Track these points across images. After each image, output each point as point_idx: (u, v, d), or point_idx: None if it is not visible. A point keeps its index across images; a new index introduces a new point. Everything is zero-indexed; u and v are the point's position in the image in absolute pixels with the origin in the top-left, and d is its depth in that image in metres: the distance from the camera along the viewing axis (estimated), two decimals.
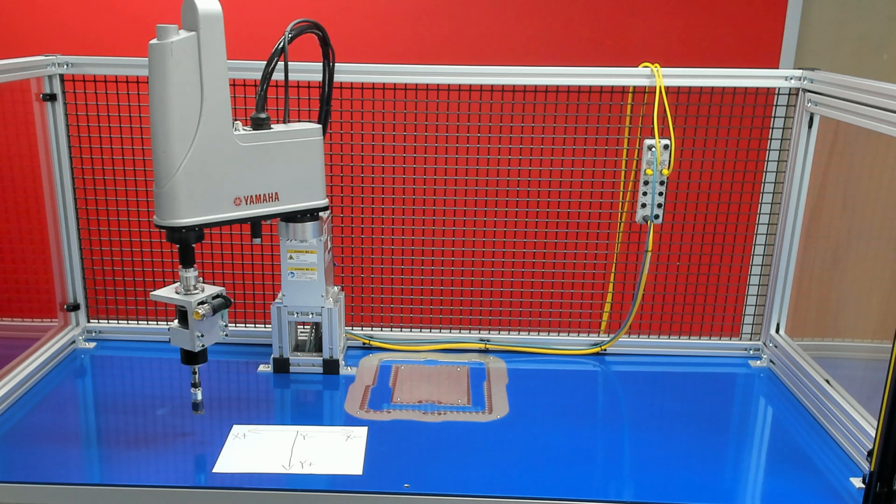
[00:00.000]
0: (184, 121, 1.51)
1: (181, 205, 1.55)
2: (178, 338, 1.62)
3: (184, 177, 1.53)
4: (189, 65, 1.49)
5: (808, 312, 2.07)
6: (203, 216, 1.57)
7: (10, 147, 2.13)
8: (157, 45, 1.48)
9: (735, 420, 1.86)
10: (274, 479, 1.54)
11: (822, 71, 1.89)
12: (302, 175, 1.70)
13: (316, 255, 1.90)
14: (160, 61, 1.48)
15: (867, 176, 1.94)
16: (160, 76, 1.49)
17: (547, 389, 1.96)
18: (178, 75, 1.49)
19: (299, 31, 1.68)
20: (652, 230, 1.98)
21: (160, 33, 1.48)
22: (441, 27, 2.63)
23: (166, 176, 1.53)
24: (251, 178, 1.63)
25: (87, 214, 2.07)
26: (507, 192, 2.06)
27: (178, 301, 1.60)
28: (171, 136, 1.51)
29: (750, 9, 2.61)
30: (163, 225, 1.56)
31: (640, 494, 1.54)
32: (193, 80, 1.50)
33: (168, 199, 1.54)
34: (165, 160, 1.52)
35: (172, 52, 1.47)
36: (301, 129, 1.68)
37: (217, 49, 1.52)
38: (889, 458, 1.33)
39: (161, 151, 1.52)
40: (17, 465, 1.58)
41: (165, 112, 1.50)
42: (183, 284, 1.62)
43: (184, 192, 1.54)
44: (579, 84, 1.96)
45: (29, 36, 2.62)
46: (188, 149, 1.52)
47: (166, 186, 1.53)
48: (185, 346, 1.62)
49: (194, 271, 1.61)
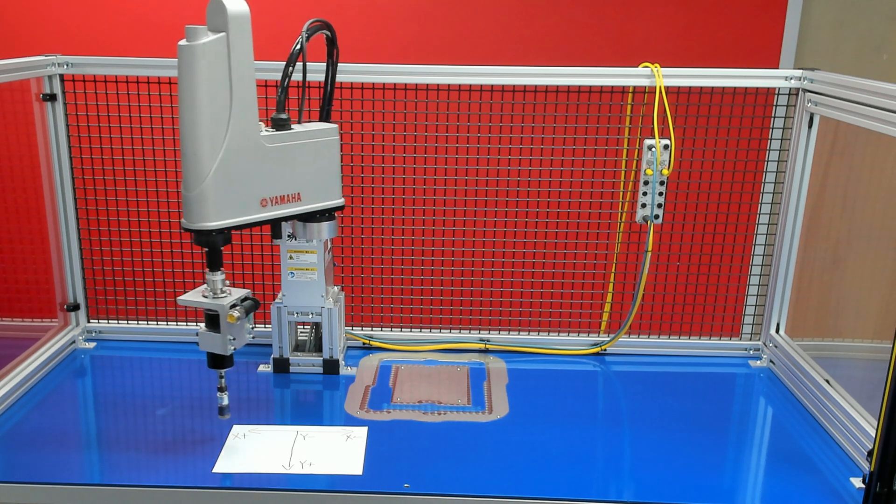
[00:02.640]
0: (214, 123, 1.48)
1: (211, 208, 1.51)
2: (208, 342, 1.60)
3: (214, 180, 1.50)
4: (219, 66, 1.47)
5: (808, 312, 2.07)
6: (232, 218, 1.54)
7: (10, 147, 2.13)
8: (187, 46, 1.45)
9: (735, 420, 1.86)
10: (274, 479, 1.54)
11: (822, 71, 1.89)
12: (321, 175, 1.69)
13: (316, 255, 1.90)
14: (190, 63, 1.45)
15: (867, 176, 1.94)
16: (190, 78, 1.46)
17: (547, 389, 1.96)
18: (208, 77, 1.46)
19: (314, 31, 1.69)
20: (652, 230, 1.98)
21: (189, 34, 1.45)
22: (441, 27, 2.63)
23: (196, 179, 1.49)
24: (276, 178, 1.61)
25: (87, 214, 2.07)
26: (507, 192, 2.06)
27: (208, 305, 1.57)
28: (202, 140, 1.48)
29: (750, 9, 2.61)
30: (192, 228, 1.53)
31: (640, 494, 1.54)
32: (223, 82, 1.48)
33: (198, 202, 1.51)
34: (195, 163, 1.49)
35: (204, 54, 1.45)
36: (320, 129, 1.67)
37: (245, 50, 1.50)
38: (889, 458, 1.33)
39: (191, 154, 1.49)
40: (17, 465, 1.58)
41: (195, 115, 1.47)
42: (210, 288, 1.59)
43: (214, 195, 1.51)
44: (579, 84, 1.96)
45: (29, 36, 2.62)
46: (219, 152, 1.49)
47: (196, 190, 1.50)
48: (217, 350, 1.60)
49: (221, 274, 1.59)
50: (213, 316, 1.58)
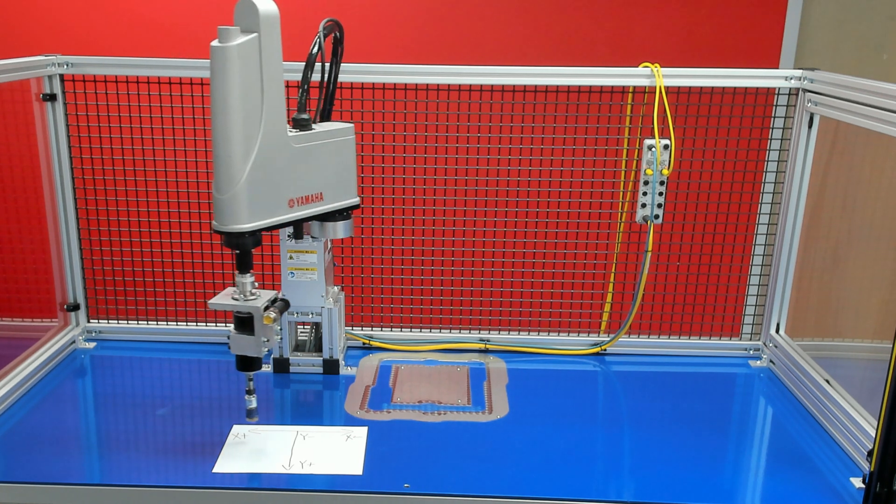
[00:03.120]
0: (247, 125, 1.47)
1: (244, 210, 1.50)
2: (241, 345, 1.59)
3: (247, 182, 1.49)
4: (252, 67, 1.46)
5: (808, 312, 2.07)
6: (263, 220, 1.54)
7: (10, 147, 2.13)
8: (221, 47, 1.44)
9: (735, 420, 1.86)
10: (274, 479, 1.54)
11: (822, 71, 1.89)
12: (340, 174, 1.69)
13: (316, 255, 1.90)
14: (223, 65, 1.44)
15: (867, 176, 1.94)
16: (223, 80, 1.44)
17: (547, 389, 1.96)
18: (241, 78, 1.45)
19: (329, 31, 1.69)
20: (652, 230, 1.98)
21: (221, 35, 1.44)
22: (441, 27, 2.63)
23: (229, 182, 1.48)
24: (302, 179, 1.61)
25: (87, 214, 2.07)
26: (507, 192, 2.06)
27: (242, 308, 1.57)
28: (235, 142, 1.47)
29: (750, 9, 2.61)
30: (224, 231, 1.52)
31: (640, 494, 1.54)
32: (255, 83, 1.47)
33: (231, 204, 1.49)
34: (228, 166, 1.48)
35: (238, 55, 1.44)
36: (339, 129, 1.68)
37: (275, 50, 1.49)
38: (889, 458, 1.33)
39: (224, 157, 1.47)
40: (17, 465, 1.58)
41: (229, 117, 1.46)
42: (240, 290, 1.58)
43: (247, 197, 1.50)
44: (579, 84, 1.96)
45: (29, 36, 2.62)
46: (252, 154, 1.48)
47: (230, 193, 1.49)
48: (250, 352, 1.59)
49: (251, 276, 1.58)
50: (245, 318, 1.57)
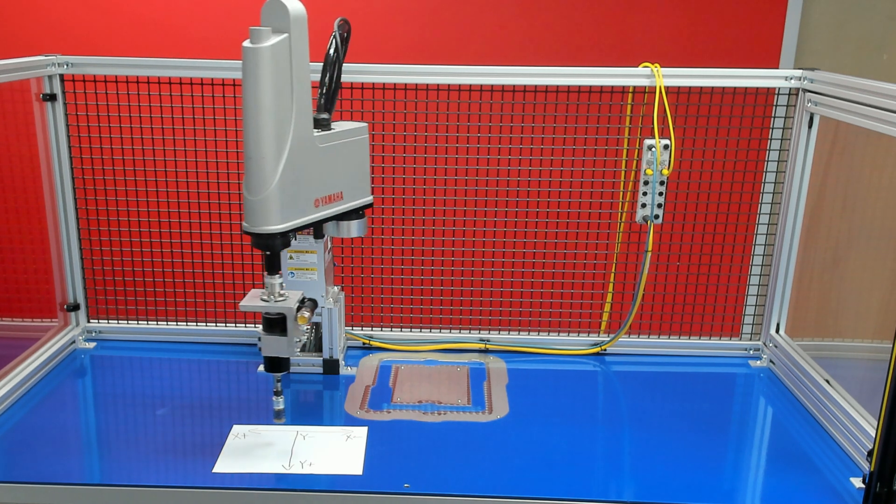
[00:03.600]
0: (279, 126, 1.47)
1: (277, 211, 1.50)
2: (273, 346, 1.58)
3: (280, 183, 1.49)
4: (283, 68, 1.45)
5: (808, 312, 2.07)
6: (293, 220, 1.54)
7: (10, 147, 2.13)
8: (254, 48, 1.43)
9: (735, 420, 1.86)
10: (274, 479, 1.54)
11: (822, 71, 1.89)
12: (357, 173, 1.70)
13: (316, 255, 1.90)
14: (256, 66, 1.43)
15: (867, 176, 1.94)
16: (256, 81, 1.44)
17: (547, 389, 1.96)
18: (274, 80, 1.45)
19: (343, 30, 1.70)
20: (652, 230, 1.98)
21: (254, 36, 1.43)
22: (441, 27, 2.63)
23: (262, 184, 1.48)
24: (325, 178, 1.61)
25: (87, 214, 2.07)
26: (507, 192, 2.06)
27: (275, 309, 1.56)
28: (267, 143, 1.47)
29: (750, 9, 2.61)
30: (254, 232, 1.51)
31: (640, 494, 1.54)
32: (286, 84, 1.47)
33: (263, 206, 1.49)
34: (260, 167, 1.47)
35: (271, 56, 1.43)
36: (355, 128, 1.68)
37: (304, 50, 1.49)
38: (889, 458, 1.33)
39: (257, 158, 1.47)
40: (17, 465, 1.58)
41: (261, 118, 1.45)
42: (269, 291, 1.58)
43: (279, 198, 1.49)
44: (579, 84, 1.96)
45: (29, 36, 2.62)
46: (283, 154, 1.48)
47: (263, 194, 1.48)
48: (283, 353, 1.58)
49: (280, 278, 1.58)
50: (276, 319, 1.57)
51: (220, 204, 2.05)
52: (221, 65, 1.94)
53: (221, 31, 2.59)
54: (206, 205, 2.05)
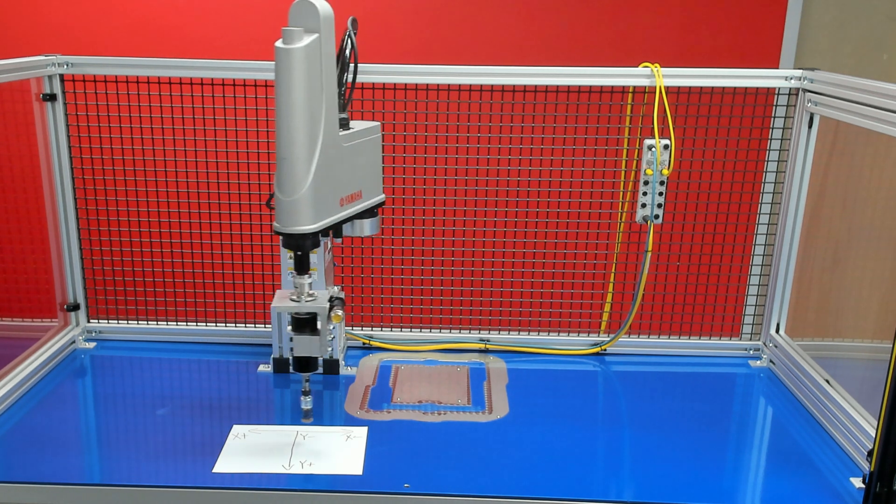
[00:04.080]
0: (311, 126, 1.47)
1: (310, 211, 1.50)
2: (305, 346, 1.58)
3: (312, 183, 1.49)
4: (314, 68, 1.45)
5: (808, 312, 2.07)
6: (323, 220, 1.53)
7: (10, 147, 2.13)
8: (288, 49, 1.43)
9: (735, 420, 1.86)
10: (274, 479, 1.54)
11: (822, 71, 1.89)
12: (373, 171, 1.71)
13: (316, 255, 1.90)
14: (290, 67, 1.43)
15: (867, 176, 1.94)
16: (289, 82, 1.43)
17: (547, 389, 1.96)
18: (306, 80, 1.44)
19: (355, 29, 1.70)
20: (652, 230, 1.98)
21: (286, 37, 1.43)
22: (441, 27, 2.63)
23: (296, 184, 1.48)
24: (349, 177, 1.61)
25: (87, 214, 2.07)
26: (507, 192, 2.06)
27: (308, 309, 1.57)
28: (301, 143, 1.47)
29: (750, 9, 2.61)
30: (286, 232, 1.51)
31: (640, 494, 1.54)
32: (318, 84, 1.47)
33: (297, 206, 1.49)
34: (293, 168, 1.47)
35: (305, 57, 1.43)
36: (371, 127, 1.69)
37: (331, 50, 1.49)
38: (889, 458, 1.33)
39: (292, 159, 1.47)
40: (17, 465, 1.58)
41: (295, 119, 1.45)
42: (298, 291, 1.58)
43: (312, 198, 1.49)
44: (579, 84, 1.96)
45: (29, 36, 2.62)
46: (315, 154, 1.48)
47: (297, 195, 1.48)
48: (315, 353, 1.59)
49: (309, 278, 1.59)
50: (307, 319, 1.57)
51: (220, 204, 2.05)
52: (221, 65, 1.94)
53: (221, 31, 2.59)
54: (206, 205, 2.05)
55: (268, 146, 2.02)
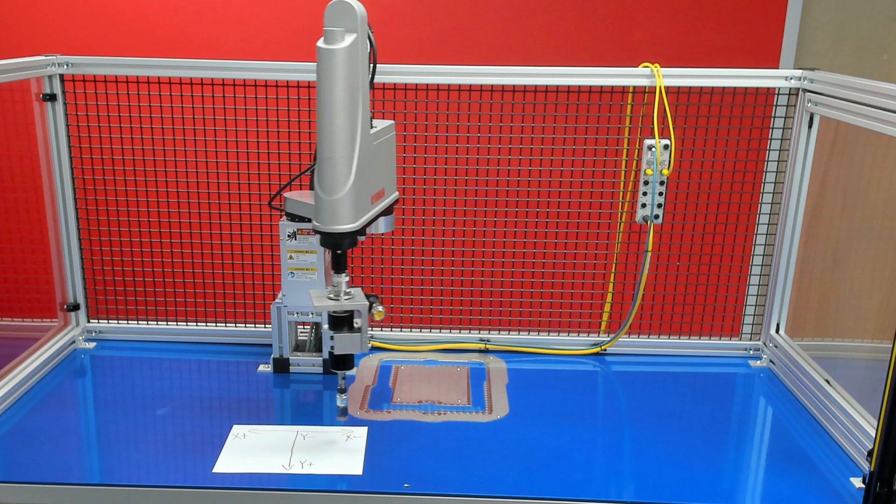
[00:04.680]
0: (352, 126, 1.48)
1: (351, 210, 1.51)
2: (347, 344, 1.58)
3: (354, 182, 1.50)
4: (354, 68, 1.46)
5: (808, 312, 2.07)
6: (361, 219, 1.54)
7: (10, 147, 2.13)
8: (332, 50, 1.43)
9: (735, 420, 1.86)
10: (274, 479, 1.54)
11: (822, 71, 1.89)
12: (390, 170, 1.72)
13: (316, 255, 1.90)
14: (333, 67, 1.44)
15: (867, 176, 1.94)
16: (332, 82, 1.44)
17: (547, 389, 1.96)
18: (348, 80, 1.45)
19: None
20: (652, 230, 1.98)
21: (328, 37, 1.44)
22: (441, 27, 2.63)
23: (338, 183, 1.48)
24: (377, 175, 1.63)
25: (87, 214, 2.07)
26: (506, 192, 2.06)
27: (350, 307, 1.57)
28: (343, 142, 1.47)
29: (750, 9, 2.61)
30: (326, 231, 1.52)
31: (640, 494, 1.54)
32: (357, 83, 1.47)
33: (339, 205, 1.49)
34: (337, 167, 1.48)
35: (348, 57, 1.44)
36: (388, 126, 1.69)
37: (365, 50, 1.50)
38: (889, 458, 1.33)
39: (336, 158, 1.47)
40: (17, 465, 1.58)
41: (337, 119, 1.46)
42: (336, 289, 1.59)
43: (354, 197, 1.50)
44: (579, 84, 1.96)
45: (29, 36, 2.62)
46: (355, 153, 1.49)
47: (339, 194, 1.49)
48: (356, 349, 1.59)
49: (346, 276, 1.59)
50: (345, 317, 1.58)
51: (220, 204, 2.05)
52: (221, 65, 1.94)
53: (221, 31, 2.59)
54: (206, 205, 2.05)
55: (267, 146, 2.02)
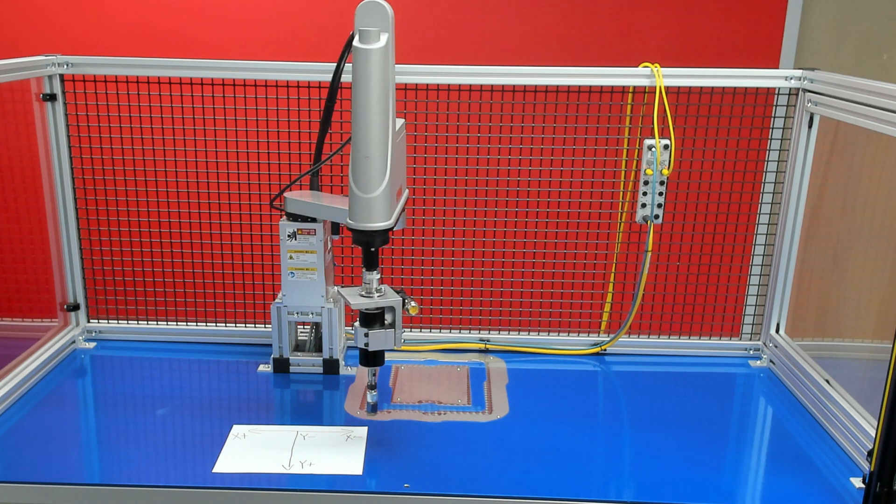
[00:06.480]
0: (385, 123, 1.49)
1: (386, 208, 1.52)
2: (381, 340, 1.61)
3: (389, 180, 1.51)
4: (388, 67, 1.48)
5: (808, 312, 2.07)
6: (393, 216, 1.56)
7: (10, 147, 2.13)
8: (368, 50, 1.45)
9: (735, 420, 1.86)
10: (274, 479, 1.54)
11: (822, 71, 1.89)
12: (404, 167, 1.74)
13: (316, 255, 1.90)
14: (370, 66, 1.45)
15: (867, 176, 1.94)
16: (368, 81, 1.46)
17: (547, 389, 1.96)
18: (383, 79, 1.47)
19: None
20: (652, 230, 1.98)
21: (363, 37, 1.45)
22: (441, 27, 2.63)
23: (374, 182, 1.49)
24: (399, 173, 1.64)
25: (87, 214, 2.07)
26: (507, 192, 2.06)
27: (383, 304, 1.59)
28: (379, 141, 1.49)
29: (750, 9, 2.61)
30: (360, 229, 1.53)
31: (640, 494, 1.54)
32: (389, 82, 1.49)
33: (375, 203, 1.51)
34: (370, 165, 1.49)
35: (384, 56, 1.46)
36: (402, 125, 1.71)
37: (393, 49, 1.52)
38: (889, 458, 1.33)
39: (373, 157, 1.48)
40: (17, 465, 1.58)
41: (373, 117, 1.47)
42: (368, 287, 1.61)
43: (388, 194, 1.51)
44: (579, 84, 1.96)
45: (29, 36, 2.62)
46: (389, 151, 1.50)
47: (376, 192, 1.50)
48: (390, 346, 1.61)
49: (378, 273, 1.61)
50: (377, 314, 1.59)
51: (220, 204, 2.05)
52: (221, 65, 1.94)
53: (221, 31, 2.59)
54: (206, 205, 2.05)
55: (267, 146, 2.02)
